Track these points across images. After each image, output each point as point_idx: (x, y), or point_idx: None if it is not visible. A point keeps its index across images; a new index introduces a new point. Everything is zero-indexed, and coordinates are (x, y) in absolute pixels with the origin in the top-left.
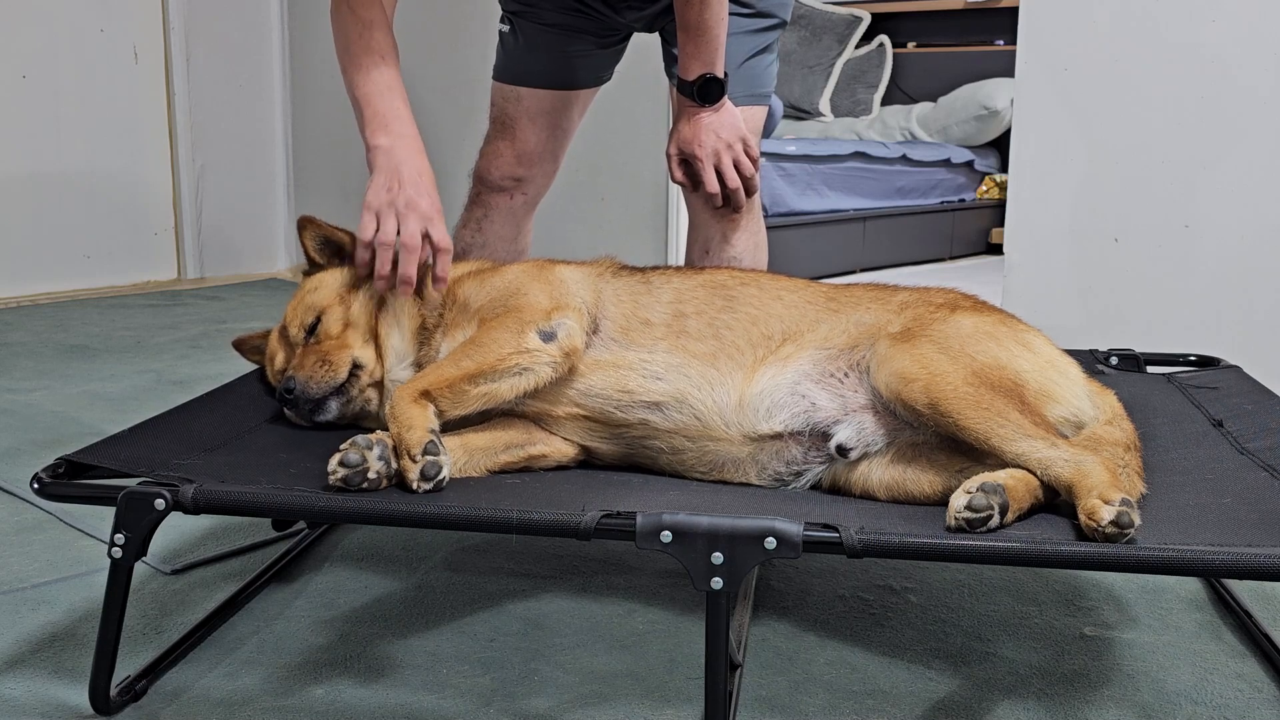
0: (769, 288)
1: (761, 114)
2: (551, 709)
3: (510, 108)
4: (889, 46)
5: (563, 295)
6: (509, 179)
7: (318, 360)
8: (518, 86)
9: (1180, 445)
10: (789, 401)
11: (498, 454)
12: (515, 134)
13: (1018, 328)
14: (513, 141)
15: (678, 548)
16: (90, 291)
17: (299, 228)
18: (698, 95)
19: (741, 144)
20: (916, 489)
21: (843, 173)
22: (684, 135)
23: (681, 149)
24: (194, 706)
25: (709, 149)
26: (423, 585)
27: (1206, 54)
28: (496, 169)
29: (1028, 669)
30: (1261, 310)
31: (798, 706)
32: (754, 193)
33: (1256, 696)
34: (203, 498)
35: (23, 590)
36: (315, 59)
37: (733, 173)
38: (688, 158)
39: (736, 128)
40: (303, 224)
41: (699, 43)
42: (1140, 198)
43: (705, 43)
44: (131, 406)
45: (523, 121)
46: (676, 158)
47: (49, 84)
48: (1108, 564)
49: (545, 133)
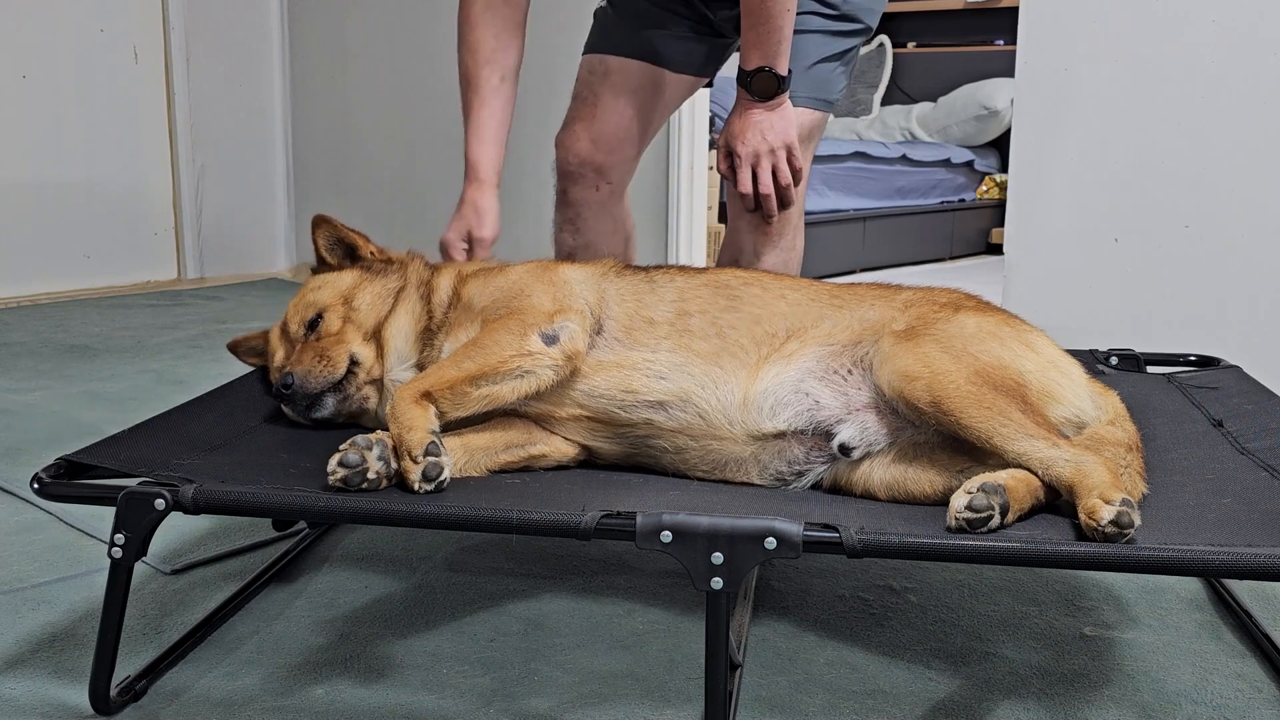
0: (772, 286)
1: (820, 121)
2: (551, 709)
3: (595, 81)
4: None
5: (566, 297)
6: (588, 166)
7: (315, 356)
8: (606, 56)
9: (1180, 445)
10: (793, 400)
11: (498, 454)
12: (595, 111)
13: (1021, 328)
14: (590, 122)
15: (678, 548)
16: (90, 291)
17: (313, 225)
18: (752, 88)
19: (786, 151)
20: (917, 489)
21: (843, 173)
22: (732, 128)
23: (728, 142)
24: (194, 706)
25: (750, 148)
26: (423, 585)
27: (1207, 54)
28: (574, 154)
29: (1028, 669)
30: (1261, 310)
31: (798, 706)
32: (789, 205)
33: (1256, 696)
34: (203, 498)
35: (23, 590)
36: (315, 59)
37: (768, 178)
38: (731, 151)
39: (786, 133)
40: (317, 222)
41: (759, 31)
42: (1140, 198)
43: (766, 32)
44: (131, 406)
45: (606, 97)
46: (724, 149)
47: (49, 84)
48: (1108, 564)
49: (629, 112)
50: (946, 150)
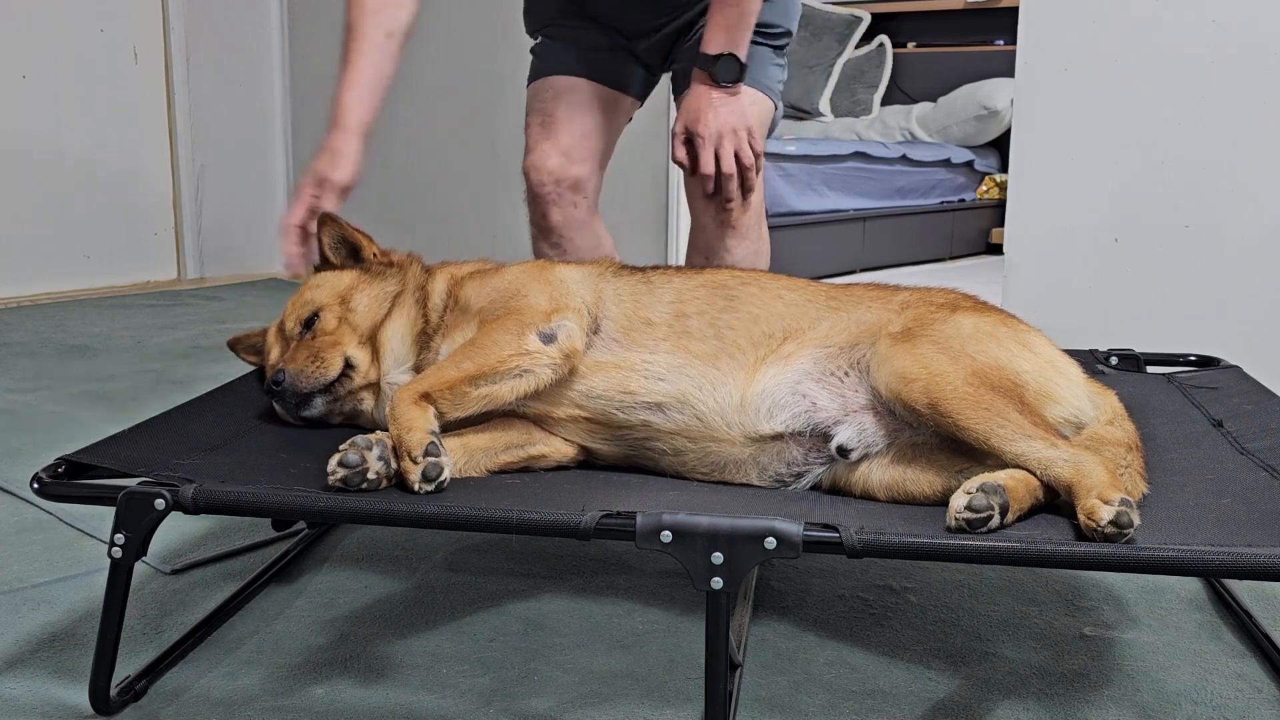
0: (770, 287)
1: (767, 109)
2: (551, 709)
3: (548, 100)
4: (889, 46)
5: (563, 296)
6: (563, 183)
7: (309, 355)
8: (553, 77)
9: (1180, 445)
10: (790, 401)
11: (498, 454)
12: (556, 127)
13: (1018, 328)
14: (555, 138)
15: (678, 548)
16: (90, 291)
17: (319, 223)
18: (717, 73)
19: (747, 133)
20: (916, 489)
21: (843, 173)
22: (690, 111)
23: (688, 126)
24: (194, 706)
25: (714, 129)
26: (423, 585)
27: (1207, 54)
28: (547, 173)
29: (1028, 669)
30: (1261, 310)
31: (798, 706)
32: (751, 191)
33: (1256, 696)
34: (203, 498)
35: (23, 590)
36: (315, 59)
37: (730, 159)
38: (691, 136)
39: (745, 116)
40: (323, 220)
41: (729, 15)
42: (1140, 198)
43: (737, 16)
44: (131, 406)
45: (562, 111)
46: (681, 136)
47: (49, 84)
48: (1108, 564)
49: (589, 123)
50: (946, 150)
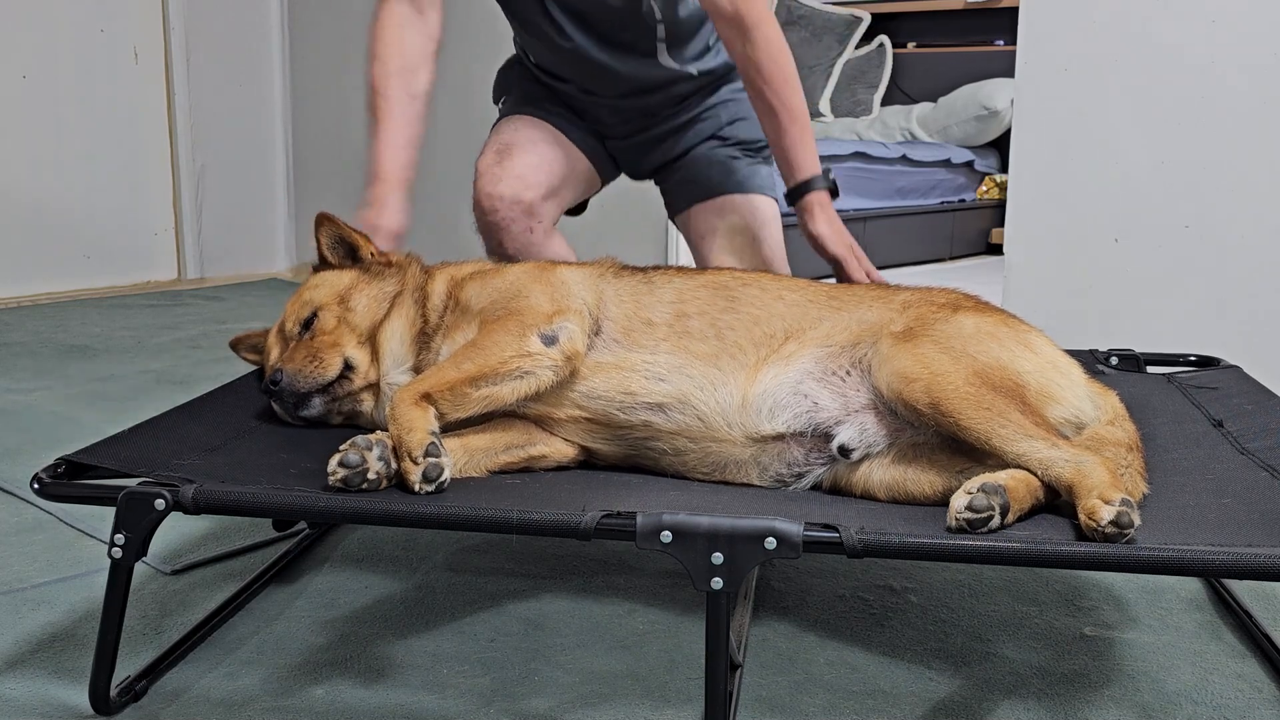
0: (771, 287)
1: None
2: (551, 709)
3: (507, 132)
4: (889, 47)
5: (564, 297)
6: (517, 207)
7: (308, 355)
8: (517, 115)
9: (1180, 445)
10: (791, 401)
11: (498, 454)
12: (512, 153)
13: (1019, 328)
14: (509, 162)
15: (678, 548)
16: (90, 291)
17: (316, 224)
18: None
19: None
20: (917, 489)
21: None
22: (830, 233)
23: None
24: (194, 706)
25: (848, 241)
26: (423, 585)
27: (1206, 54)
28: (498, 196)
29: (1028, 669)
30: (1261, 310)
31: (798, 706)
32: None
33: (1256, 696)
34: (203, 498)
35: (23, 590)
36: (315, 59)
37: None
38: (839, 257)
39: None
40: (320, 220)
41: (803, 133)
42: (1140, 198)
43: (804, 130)
44: (131, 406)
45: (520, 141)
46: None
47: (49, 84)
48: (1108, 564)
49: (548, 154)
50: (946, 150)
